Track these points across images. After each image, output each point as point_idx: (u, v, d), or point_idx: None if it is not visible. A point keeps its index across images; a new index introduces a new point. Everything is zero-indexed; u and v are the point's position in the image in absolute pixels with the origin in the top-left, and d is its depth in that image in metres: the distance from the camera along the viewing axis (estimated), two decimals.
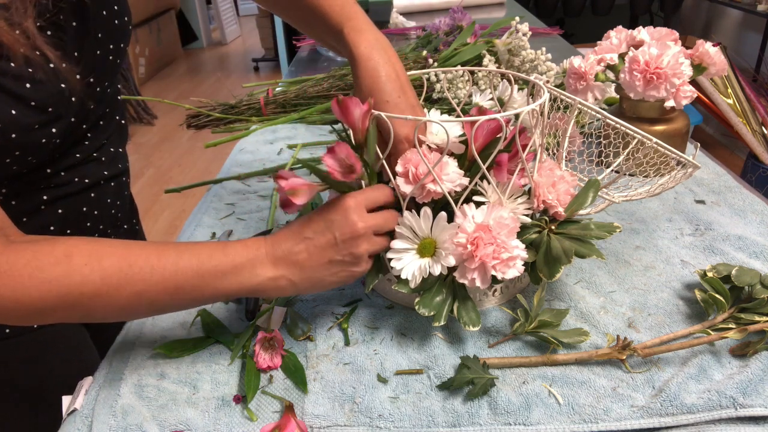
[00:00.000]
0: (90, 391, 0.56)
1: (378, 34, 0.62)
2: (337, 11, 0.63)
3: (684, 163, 0.65)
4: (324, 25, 0.65)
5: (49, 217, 0.64)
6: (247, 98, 1.24)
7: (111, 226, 0.74)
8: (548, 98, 0.59)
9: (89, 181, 0.67)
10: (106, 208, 0.71)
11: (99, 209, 0.70)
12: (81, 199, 0.67)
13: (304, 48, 1.84)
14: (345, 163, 0.55)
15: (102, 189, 0.70)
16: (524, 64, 1.10)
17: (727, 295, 0.59)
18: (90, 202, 0.68)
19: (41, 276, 0.46)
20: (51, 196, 0.64)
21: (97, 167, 0.69)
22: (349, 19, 0.62)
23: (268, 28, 5.22)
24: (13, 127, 0.53)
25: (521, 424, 0.49)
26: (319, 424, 0.51)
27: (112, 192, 0.72)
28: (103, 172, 0.69)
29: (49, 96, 0.55)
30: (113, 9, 0.62)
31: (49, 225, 0.65)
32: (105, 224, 0.72)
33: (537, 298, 0.58)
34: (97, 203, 0.69)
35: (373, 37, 0.61)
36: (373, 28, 0.62)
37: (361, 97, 0.59)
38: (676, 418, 0.49)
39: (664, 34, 0.85)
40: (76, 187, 0.66)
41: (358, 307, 0.64)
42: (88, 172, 0.67)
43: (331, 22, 0.63)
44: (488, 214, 0.54)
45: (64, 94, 0.57)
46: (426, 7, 2.25)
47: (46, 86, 0.54)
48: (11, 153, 0.55)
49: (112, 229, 0.75)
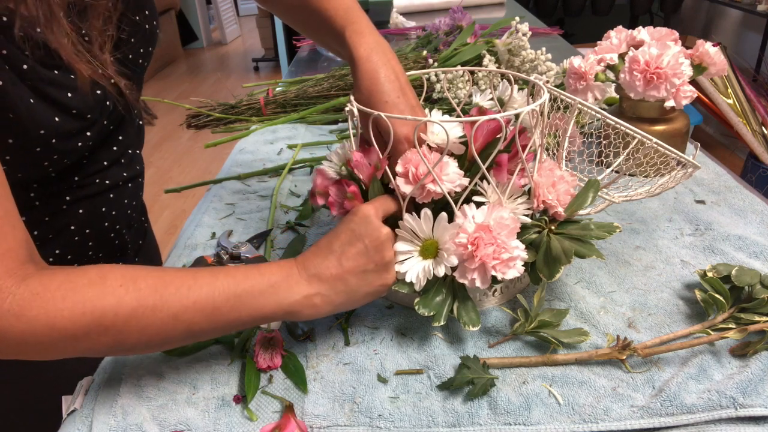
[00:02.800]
0: (90, 391, 0.56)
1: (378, 38, 0.62)
2: (340, 15, 0.64)
3: (684, 163, 0.65)
4: (326, 28, 0.66)
5: (70, 217, 0.65)
6: (247, 98, 1.24)
7: (126, 226, 0.75)
8: (548, 98, 0.59)
9: (110, 183, 0.68)
10: (123, 208, 0.72)
11: (117, 209, 0.71)
12: (101, 200, 0.68)
13: (304, 48, 1.84)
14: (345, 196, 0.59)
15: (120, 190, 0.71)
16: (524, 64, 1.10)
17: (727, 295, 0.59)
18: (109, 203, 0.69)
19: (75, 297, 0.45)
20: (73, 198, 0.65)
21: (118, 169, 0.70)
22: (351, 23, 0.63)
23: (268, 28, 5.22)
24: (54, 133, 0.54)
25: (521, 424, 0.49)
26: (319, 424, 0.51)
27: (129, 193, 0.73)
28: (122, 174, 0.70)
29: (89, 103, 0.57)
30: (144, 14, 0.63)
31: (69, 225, 0.65)
32: (121, 224, 0.72)
33: (537, 298, 0.58)
34: (115, 204, 0.70)
35: (374, 40, 0.61)
36: (374, 32, 0.63)
37: (360, 98, 0.59)
38: (676, 418, 0.49)
39: (664, 34, 0.85)
40: (97, 188, 0.67)
41: (358, 307, 0.64)
42: (110, 175, 0.68)
43: (334, 25, 0.64)
44: (488, 214, 0.54)
45: (101, 100, 0.58)
46: (426, 7, 2.25)
47: (87, 94, 0.56)
48: (50, 157, 0.56)
49: (126, 229, 0.75)
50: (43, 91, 0.53)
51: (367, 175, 0.59)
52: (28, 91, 0.52)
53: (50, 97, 0.53)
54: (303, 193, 0.91)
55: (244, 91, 1.29)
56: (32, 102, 0.52)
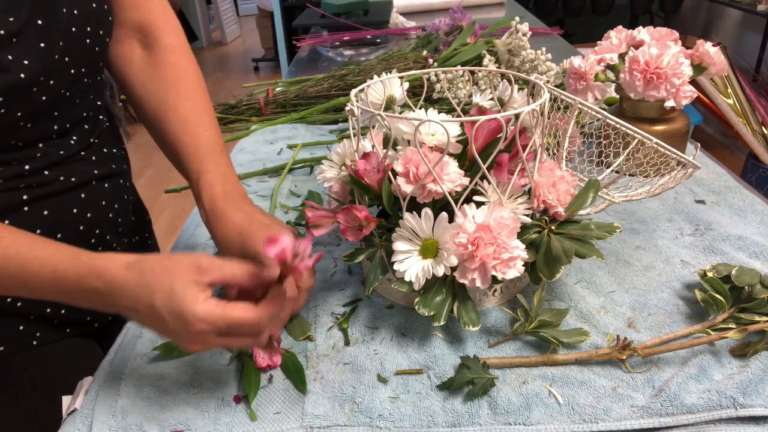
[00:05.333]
0: (90, 391, 0.56)
1: (227, 187, 0.64)
2: (196, 161, 0.66)
3: (684, 163, 0.65)
4: (183, 169, 0.68)
5: (34, 217, 0.62)
6: (247, 98, 1.24)
7: (113, 233, 0.72)
8: (548, 98, 0.59)
9: (76, 180, 0.66)
10: (102, 211, 0.69)
11: (92, 212, 0.68)
12: (68, 199, 0.65)
13: (304, 48, 1.84)
14: (357, 221, 0.58)
15: (93, 189, 0.68)
16: (524, 64, 1.10)
17: (727, 295, 0.59)
18: (80, 203, 0.66)
19: None
20: (32, 195, 0.62)
21: (86, 166, 0.67)
22: (204, 173, 0.65)
23: (268, 28, 5.22)
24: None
25: (521, 424, 0.49)
26: (319, 424, 0.51)
27: (108, 194, 0.70)
28: (93, 172, 0.68)
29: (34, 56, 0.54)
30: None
31: (35, 227, 0.63)
32: (103, 229, 0.70)
33: (537, 298, 0.58)
34: (88, 205, 0.67)
35: (222, 191, 0.63)
36: (224, 181, 0.64)
37: (219, 245, 0.61)
38: (676, 418, 0.49)
39: (664, 34, 0.85)
40: (61, 186, 0.64)
41: (358, 307, 0.64)
42: (75, 171, 0.66)
43: (189, 168, 0.67)
44: (489, 214, 0.54)
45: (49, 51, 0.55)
46: (426, 7, 2.25)
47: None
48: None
49: (116, 238, 0.73)
50: None
51: (376, 181, 0.59)
52: None
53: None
54: (303, 193, 0.91)
55: (244, 91, 1.29)
56: None
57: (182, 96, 0.69)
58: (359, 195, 0.62)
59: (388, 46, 1.65)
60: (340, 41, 1.72)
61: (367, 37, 1.73)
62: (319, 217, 0.61)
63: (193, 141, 0.67)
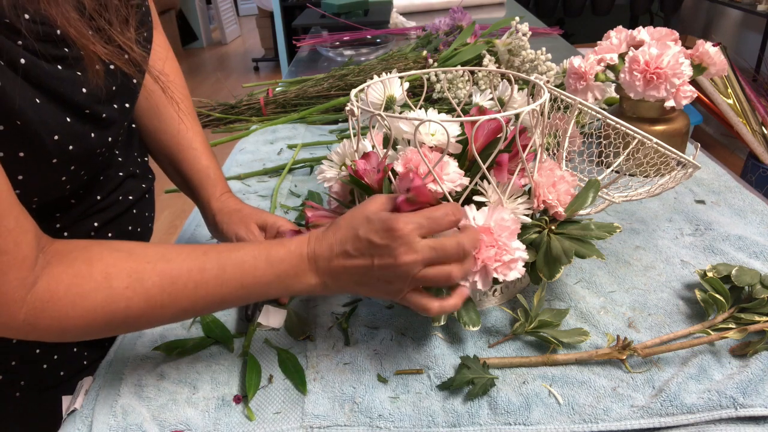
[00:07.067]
0: (90, 391, 0.56)
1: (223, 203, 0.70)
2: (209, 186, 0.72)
3: (684, 163, 0.65)
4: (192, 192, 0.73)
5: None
6: (247, 98, 1.24)
7: (145, 237, 0.73)
8: (548, 98, 0.59)
9: (132, 198, 0.67)
10: (146, 221, 0.70)
11: (141, 225, 0.69)
12: (127, 218, 0.66)
13: (304, 48, 1.84)
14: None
15: (142, 203, 0.69)
16: (524, 64, 1.10)
17: (727, 295, 0.59)
18: (135, 220, 0.68)
19: (84, 304, 0.45)
20: (101, 221, 0.63)
21: (136, 182, 0.68)
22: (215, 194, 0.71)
23: (268, 28, 5.22)
24: (69, 137, 0.49)
25: (521, 424, 0.49)
26: (319, 423, 0.51)
27: (149, 204, 0.71)
28: (141, 186, 0.69)
29: (101, 98, 0.52)
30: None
31: None
32: (145, 240, 0.71)
33: (537, 298, 0.58)
34: (140, 219, 0.69)
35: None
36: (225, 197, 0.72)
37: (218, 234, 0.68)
38: (676, 418, 0.49)
39: (664, 34, 0.85)
40: (123, 206, 0.65)
41: (358, 307, 0.64)
42: (131, 188, 0.67)
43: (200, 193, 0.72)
44: (489, 215, 0.54)
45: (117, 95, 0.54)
46: (426, 7, 2.25)
47: (99, 88, 0.51)
48: (67, 169, 0.52)
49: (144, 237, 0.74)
50: (48, 87, 0.46)
51: (376, 181, 0.59)
52: (31, 89, 0.45)
53: (57, 93, 0.47)
54: (303, 193, 0.91)
55: (244, 91, 1.29)
56: (38, 102, 0.46)
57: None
58: (359, 195, 0.62)
59: (388, 46, 1.64)
60: (340, 41, 1.72)
61: (367, 37, 1.73)
62: (319, 217, 0.61)
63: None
